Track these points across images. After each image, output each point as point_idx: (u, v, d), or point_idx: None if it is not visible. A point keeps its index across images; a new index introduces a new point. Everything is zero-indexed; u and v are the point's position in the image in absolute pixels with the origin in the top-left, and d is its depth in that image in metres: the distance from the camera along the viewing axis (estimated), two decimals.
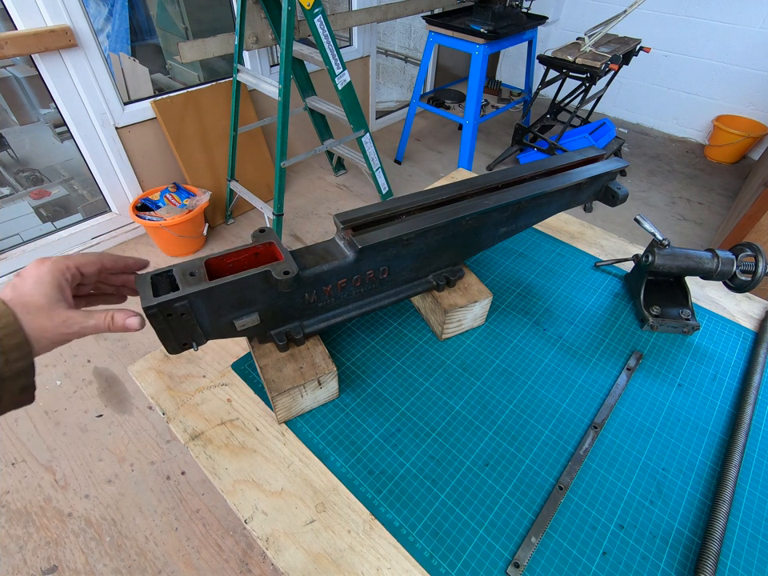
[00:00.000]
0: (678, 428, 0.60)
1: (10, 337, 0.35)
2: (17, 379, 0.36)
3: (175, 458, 1.35)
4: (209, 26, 2.51)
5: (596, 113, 3.36)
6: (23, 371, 0.36)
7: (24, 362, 0.36)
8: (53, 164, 2.28)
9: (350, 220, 0.57)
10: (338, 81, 1.85)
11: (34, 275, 0.39)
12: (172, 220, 1.87)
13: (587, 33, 2.32)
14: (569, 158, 0.72)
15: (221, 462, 0.55)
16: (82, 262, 0.42)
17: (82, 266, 0.42)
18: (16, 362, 0.36)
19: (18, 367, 0.36)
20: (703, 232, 2.39)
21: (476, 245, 0.69)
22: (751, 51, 2.80)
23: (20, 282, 0.39)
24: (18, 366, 0.36)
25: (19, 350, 0.36)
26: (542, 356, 0.69)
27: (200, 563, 1.15)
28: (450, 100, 3.42)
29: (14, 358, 0.35)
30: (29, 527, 1.20)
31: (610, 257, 0.88)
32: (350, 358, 0.68)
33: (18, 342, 0.36)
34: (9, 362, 0.35)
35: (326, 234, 2.24)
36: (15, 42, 1.47)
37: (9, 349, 0.35)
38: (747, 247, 0.68)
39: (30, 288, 0.38)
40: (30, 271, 0.39)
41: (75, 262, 0.42)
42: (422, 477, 0.54)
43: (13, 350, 0.35)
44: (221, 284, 0.46)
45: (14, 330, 0.36)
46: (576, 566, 0.48)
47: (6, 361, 0.35)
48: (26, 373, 0.37)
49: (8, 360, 0.35)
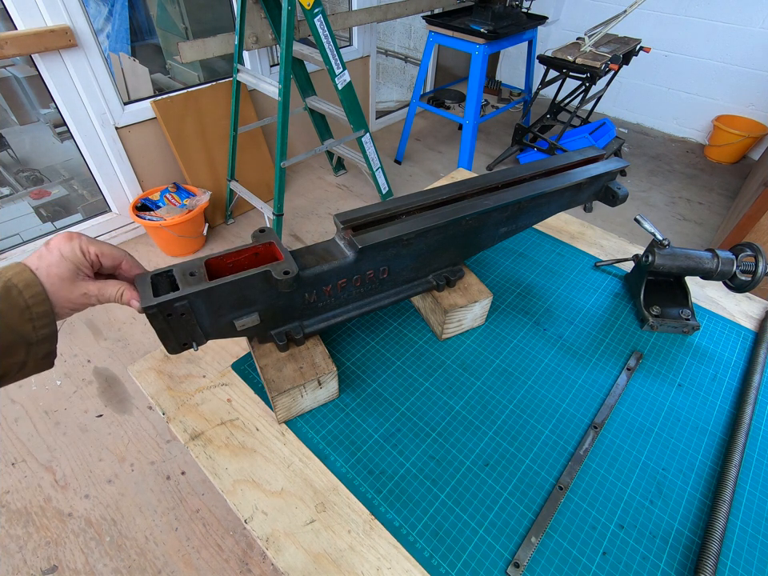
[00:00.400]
0: (678, 428, 0.60)
1: (38, 305, 0.38)
2: (42, 344, 0.39)
3: (175, 458, 1.35)
4: (209, 25, 2.51)
5: (596, 113, 3.36)
6: (48, 337, 0.40)
7: (49, 329, 0.39)
8: (53, 164, 2.28)
9: (350, 220, 0.57)
10: (338, 81, 1.85)
11: (60, 248, 0.41)
12: (172, 220, 1.87)
13: (587, 33, 2.32)
14: (569, 158, 0.72)
15: (221, 462, 0.55)
16: (105, 253, 0.44)
17: (102, 255, 0.44)
18: (42, 329, 0.39)
19: (43, 333, 0.39)
20: (703, 232, 2.39)
21: (476, 245, 0.69)
22: (751, 51, 2.80)
23: (47, 254, 0.40)
24: (44, 333, 0.39)
25: (46, 317, 0.39)
26: (542, 356, 0.69)
27: (200, 563, 1.15)
28: (450, 100, 3.42)
29: (41, 324, 0.39)
30: (29, 527, 1.20)
31: (610, 257, 0.88)
32: (350, 358, 0.68)
33: (45, 310, 0.39)
34: (36, 328, 0.38)
35: (325, 233, 2.24)
36: (15, 41, 1.47)
37: (37, 316, 0.38)
38: (747, 247, 0.68)
39: (56, 259, 0.40)
40: (57, 243, 0.41)
41: (99, 249, 0.43)
42: (422, 477, 0.54)
43: (40, 317, 0.38)
44: (221, 284, 0.46)
45: (41, 299, 0.38)
46: (576, 565, 0.48)
47: (33, 327, 0.38)
48: (50, 339, 0.40)
49: (35, 327, 0.38)
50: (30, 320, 0.38)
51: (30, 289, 0.38)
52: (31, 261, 0.40)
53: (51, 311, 0.39)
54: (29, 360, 0.39)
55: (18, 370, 0.39)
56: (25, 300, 0.37)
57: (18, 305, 0.37)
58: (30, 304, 0.38)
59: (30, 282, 0.38)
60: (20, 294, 0.37)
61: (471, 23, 2.28)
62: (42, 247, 0.41)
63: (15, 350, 0.38)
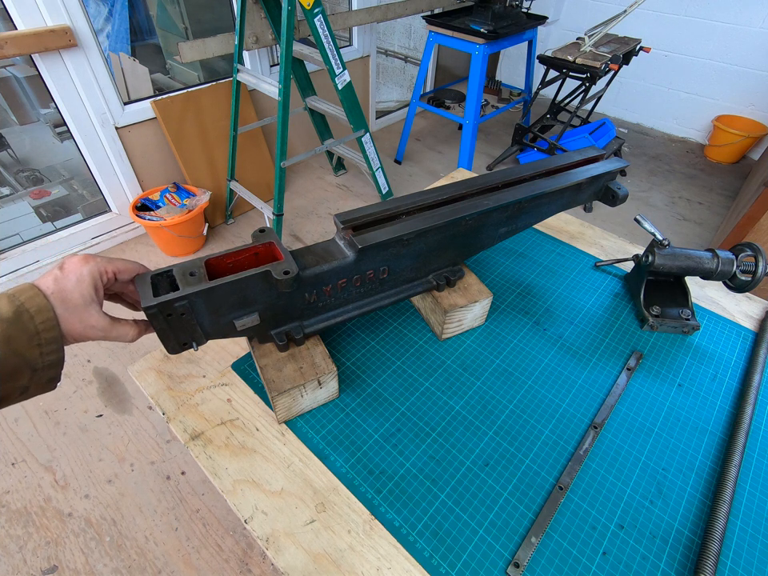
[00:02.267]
0: (678, 428, 0.60)
1: (48, 331, 0.38)
2: (47, 370, 0.39)
3: (175, 458, 1.35)
4: (209, 25, 2.51)
5: (596, 113, 3.36)
6: (54, 363, 0.39)
7: (56, 356, 0.39)
8: (53, 164, 2.28)
9: (350, 220, 0.57)
10: (338, 81, 1.85)
11: (77, 273, 0.41)
12: (172, 220, 1.87)
13: (587, 33, 2.32)
14: (569, 158, 0.72)
15: (221, 462, 0.55)
16: (121, 269, 0.44)
17: (119, 272, 0.44)
18: (49, 355, 0.39)
19: (50, 360, 0.39)
20: (703, 232, 2.39)
21: (476, 245, 0.69)
22: (751, 51, 2.80)
23: (62, 277, 0.40)
24: (51, 359, 0.39)
25: (54, 343, 0.39)
26: (542, 356, 0.69)
27: (200, 563, 1.15)
28: (450, 100, 3.42)
29: (49, 350, 0.38)
30: (29, 527, 1.20)
31: (610, 257, 0.88)
32: (350, 358, 0.68)
33: (54, 336, 0.38)
34: (43, 354, 0.38)
35: (325, 233, 2.24)
36: (15, 41, 1.47)
37: (45, 342, 0.38)
38: (747, 247, 0.68)
39: (72, 285, 0.40)
40: (73, 267, 0.41)
41: (115, 267, 0.44)
42: (422, 477, 0.54)
43: (49, 343, 0.38)
44: (221, 284, 0.46)
45: (52, 326, 0.38)
46: (576, 566, 0.48)
47: (40, 353, 0.38)
48: (55, 365, 0.40)
49: (42, 353, 0.38)
50: (38, 345, 0.37)
51: (41, 314, 0.38)
52: (46, 283, 0.40)
53: (60, 338, 0.39)
54: (31, 385, 0.39)
55: (20, 394, 0.39)
56: (35, 325, 0.37)
57: (28, 330, 0.37)
58: (39, 330, 0.37)
59: (43, 307, 0.38)
60: (31, 319, 0.37)
61: (471, 23, 2.28)
62: (57, 270, 0.41)
63: (19, 374, 0.37)
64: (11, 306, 0.37)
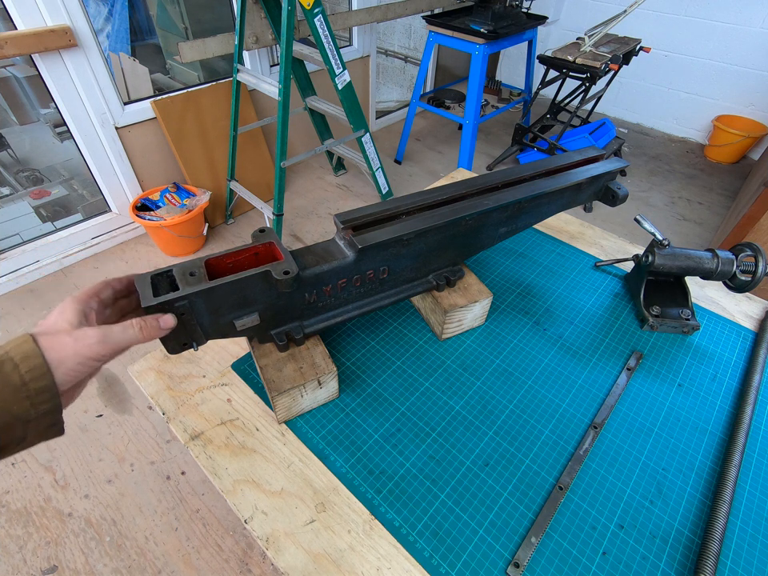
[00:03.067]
0: (678, 428, 0.60)
1: (37, 380, 0.35)
2: (43, 418, 0.36)
3: (175, 458, 1.35)
4: (209, 25, 2.51)
5: (596, 113, 3.36)
6: (50, 412, 0.36)
7: (50, 404, 0.36)
8: (53, 164, 2.28)
9: (350, 220, 0.57)
10: (338, 81, 1.85)
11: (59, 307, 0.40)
12: (172, 220, 1.87)
13: (587, 33, 2.32)
14: (569, 158, 0.72)
15: (221, 462, 0.55)
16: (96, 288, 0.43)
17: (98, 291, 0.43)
18: (42, 404, 0.35)
19: (44, 409, 0.36)
20: (703, 232, 2.39)
21: (476, 245, 0.69)
22: (751, 51, 2.80)
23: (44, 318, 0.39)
24: (45, 408, 0.36)
25: (46, 391, 0.35)
26: (542, 356, 0.69)
27: (200, 563, 1.15)
28: (450, 100, 3.42)
29: (40, 400, 0.35)
30: (29, 527, 1.20)
31: (610, 257, 0.88)
32: (350, 358, 0.68)
33: (45, 385, 0.35)
34: (34, 404, 0.35)
35: (325, 233, 2.24)
36: (15, 41, 1.47)
37: (35, 392, 0.35)
38: (747, 247, 0.68)
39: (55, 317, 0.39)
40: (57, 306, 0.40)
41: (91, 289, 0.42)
42: (421, 477, 0.54)
43: (39, 393, 0.35)
44: (221, 284, 0.46)
45: (42, 373, 0.35)
46: (576, 565, 0.48)
47: (31, 404, 0.35)
48: (52, 412, 0.36)
49: (33, 403, 0.35)
50: (27, 397, 0.34)
51: (27, 361, 0.34)
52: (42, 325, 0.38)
53: (53, 385, 0.36)
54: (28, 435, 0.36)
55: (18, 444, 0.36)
56: (21, 375, 0.34)
57: (12, 382, 0.34)
58: (27, 380, 0.34)
59: (30, 353, 0.35)
60: (15, 368, 0.34)
61: (471, 23, 2.28)
62: None
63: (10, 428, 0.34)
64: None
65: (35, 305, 1.81)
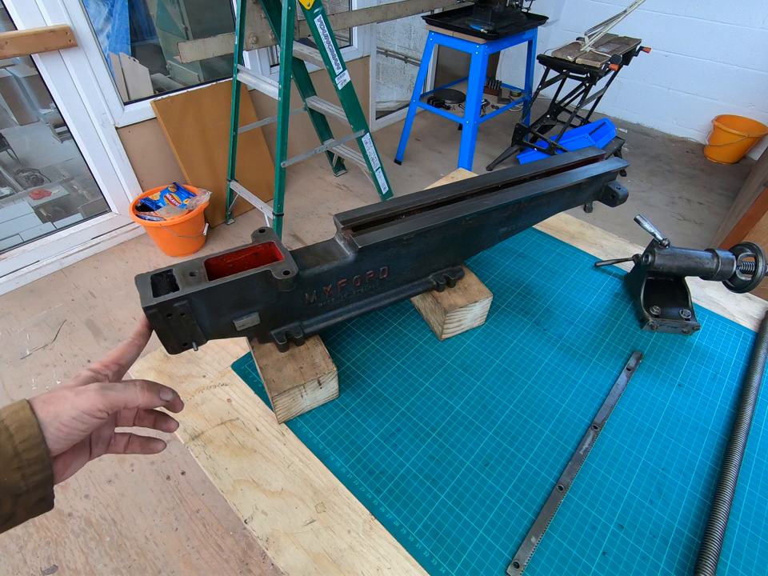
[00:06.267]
0: (678, 428, 0.60)
1: (30, 450, 0.34)
2: (33, 492, 0.35)
3: (175, 458, 1.35)
4: (209, 25, 2.51)
5: (596, 113, 3.36)
6: (41, 484, 0.35)
7: (42, 475, 0.35)
8: (53, 164, 2.28)
9: (350, 220, 0.57)
10: (338, 81, 1.85)
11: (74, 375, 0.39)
12: (172, 220, 1.87)
13: (587, 33, 2.32)
14: (569, 158, 0.72)
15: (221, 462, 0.55)
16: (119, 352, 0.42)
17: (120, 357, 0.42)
18: (33, 476, 0.34)
19: (35, 480, 0.34)
20: (703, 232, 2.39)
21: (476, 245, 0.69)
22: (751, 51, 2.80)
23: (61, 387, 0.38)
24: (36, 480, 0.34)
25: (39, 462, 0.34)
26: (542, 356, 0.69)
27: (200, 563, 1.15)
28: (450, 100, 3.42)
29: (32, 471, 0.34)
30: (29, 527, 1.20)
31: (610, 257, 0.88)
32: (350, 358, 0.68)
33: (39, 455, 0.34)
34: (25, 476, 0.34)
35: (325, 233, 2.24)
36: (15, 42, 1.47)
37: (27, 463, 0.33)
38: (747, 247, 0.68)
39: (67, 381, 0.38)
40: None
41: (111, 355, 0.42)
42: (422, 477, 0.54)
43: (32, 464, 0.34)
44: (221, 284, 0.46)
45: (35, 443, 0.34)
46: (576, 566, 0.48)
47: (22, 476, 0.33)
48: (43, 485, 0.35)
49: (24, 475, 0.34)
50: (19, 468, 0.33)
51: (22, 431, 0.33)
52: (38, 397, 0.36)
53: (46, 455, 0.34)
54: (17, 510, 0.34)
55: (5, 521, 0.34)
56: (14, 446, 0.33)
57: (6, 453, 0.32)
58: (20, 450, 0.33)
59: (25, 422, 0.34)
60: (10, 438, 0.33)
61: (471, 23, 2.29)
62: None
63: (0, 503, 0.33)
64: None
65: (35, 305, 1.81)
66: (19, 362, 1.59)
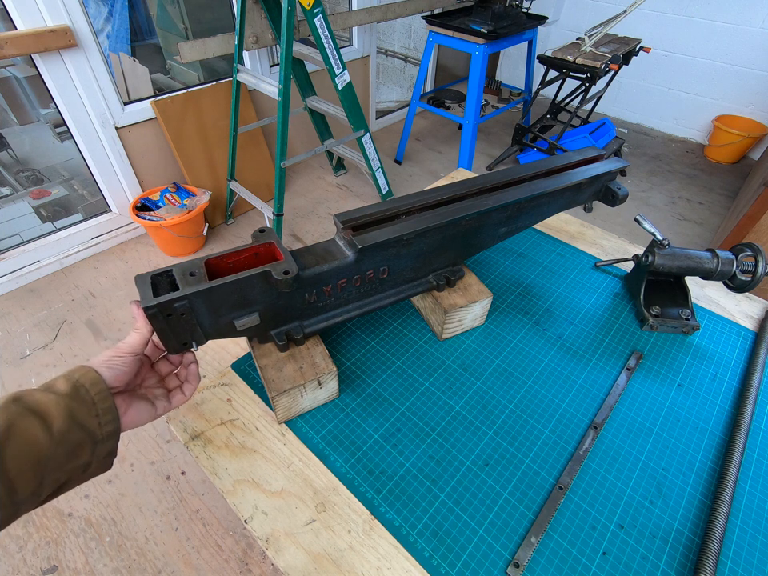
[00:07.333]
0: (678, 428, 0.60)
1: (103, 401, 0.39)
2: (106, 442, 0.40)
3: (175, 458, 1.35)
4: (209, 25, 2.51)
5: (596, 113, 3.36)
6: (112, 434, 0.40)
7: (113, 425, 0.40)
8: (53, 164, 2.28)
9: (350, 220, 0.57)
10: (338, 81, 1.85)
11: None
12: (172, 220, 1.87)
13: (587, 33, 2.32)
14: (569, 158, 0.72)
15: (221, 462, 0.55)
16: None
17: None
18: (107, 425, 0.39)
19: (108, 430, 0.40)
20: (703, 232, 2.39)
21: (476, 245, 0.69)
22: (751, 51, 2.80)
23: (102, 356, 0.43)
24: (109, 429, 0.40)
25: (110, 412, 0.40)
26: (542, 356, 0.69)
27: (200, 563, 1.15)
28: (450, 100, 3.42)
29: (106, 420, 0.39)
30: (29, 527, 1.20)
31: (609, 257, 0.88)
32: (350, 358, 0.68)
33: (109, 406, 0.40)
34: (101, 424, 0.39)
35: (325, 233, 2.24)
36: (15, 42, 1.47)
37: (102, 412, 0.39)
38: (747, 247, 0.68)
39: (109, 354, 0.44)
40: None
41: None
42: (421, 477, 0.54)
43: (105, 413, 0.39)
44: (221, 284, 0.46)
45: (105, 396, 0.40)
46: (576, 566, 0.48)
47: (99, 423, 0.39)
48: (113, 436, 0.40)
49: (101, 423, 0.39)
50: (96, 416, 0.39)
51: (95, 386, 0.39)
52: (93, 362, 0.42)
53: (114, 407, 0.40)
54: (93, 460, 0.39)
55: (82, 472, 0.39)
56: (91, 397, 0.39)
57: (87, 402, 0.38)
58: (96, 400, 0.39)
59: (95, 380, 0.40)
60: (87, 391, 0.39)
61: (471, 23, 2.28)
62: None
63: (81, 449, 0.38)
64: (68, 383, 0.38)
65: (35, 305, 1.81)
66: (19, 361, 1.59)
